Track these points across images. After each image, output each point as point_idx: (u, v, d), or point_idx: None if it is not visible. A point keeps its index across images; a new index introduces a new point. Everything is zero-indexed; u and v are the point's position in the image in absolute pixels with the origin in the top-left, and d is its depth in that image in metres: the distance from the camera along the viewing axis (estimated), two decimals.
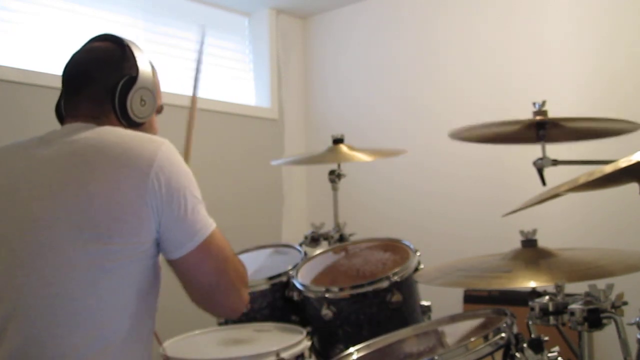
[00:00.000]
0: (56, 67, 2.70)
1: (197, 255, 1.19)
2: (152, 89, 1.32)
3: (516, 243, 1.50)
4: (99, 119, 1.26)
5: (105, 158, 1.13)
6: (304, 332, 1.72)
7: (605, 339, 1.77)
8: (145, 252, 1.15)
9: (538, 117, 1.81)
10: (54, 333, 1.07)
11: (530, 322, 1.24)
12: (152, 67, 1.37)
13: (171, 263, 1.22)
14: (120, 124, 1.27)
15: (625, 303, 1.19)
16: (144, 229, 1.13)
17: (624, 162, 1.04)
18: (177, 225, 1.16)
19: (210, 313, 1.34)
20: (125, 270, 1.12)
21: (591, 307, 1.17)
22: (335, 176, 2.39)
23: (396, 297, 1.78)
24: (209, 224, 1.21)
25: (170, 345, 1.73)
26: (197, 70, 1.65)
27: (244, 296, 1.29)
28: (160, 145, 1.17)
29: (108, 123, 1.25)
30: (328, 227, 2.36)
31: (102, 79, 1.28)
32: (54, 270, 1.08)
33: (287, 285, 1.97)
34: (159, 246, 1.19)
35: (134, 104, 1.28)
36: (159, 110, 1.41)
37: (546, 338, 1.17)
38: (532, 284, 1.30)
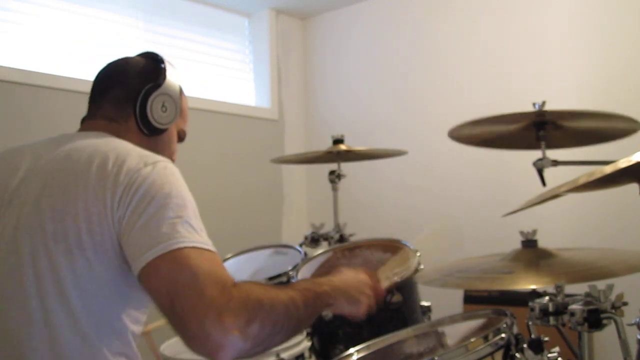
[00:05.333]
0: (56, 68, 2.71)
1: (151, 269, 1.00)
2: (176, 98, 1.32)
3: (516, 243, 1.50)
4: (117, 122, 1.26)
5: (89, 170, 1.09)
6: (304, 332, 1.72)
7: (605, 339, 1.77)
8: (120, 268, 1.06)
9: (538, 116, 1.81)
10: (31, 347, 1.04)
11: (530, 323, 1.23)
12: (181, 89, 1.37)
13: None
14: (139, 130, 1.27)
15: (625, 303, 1.19)
16: (113, 246, 1.05)
17: (623, 163, 1.04)
18: (134, 235, 1.03)
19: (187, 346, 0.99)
20: (100, 286, 1.06)
21: (591, 307, 1.17)
22: (335, 176, 2.39)
23: (396, 298, 1.77)
24: (175, 241, 1.00)
25: (169, 346, 1.73)
26: None
27: (216, 330, 0.93)
28: (156, 163, 1.10)
29: (126, 128, 1.26)
30: (328, 227, 2.36)
31: (128, 82, 1.29)
32: (33, 281, 1.04)
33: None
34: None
35: (154, 108, 1.28)
36: (181, 135, 1.40)
37: (546, 338, 1.17)
38: (532, 284, 1.30)
